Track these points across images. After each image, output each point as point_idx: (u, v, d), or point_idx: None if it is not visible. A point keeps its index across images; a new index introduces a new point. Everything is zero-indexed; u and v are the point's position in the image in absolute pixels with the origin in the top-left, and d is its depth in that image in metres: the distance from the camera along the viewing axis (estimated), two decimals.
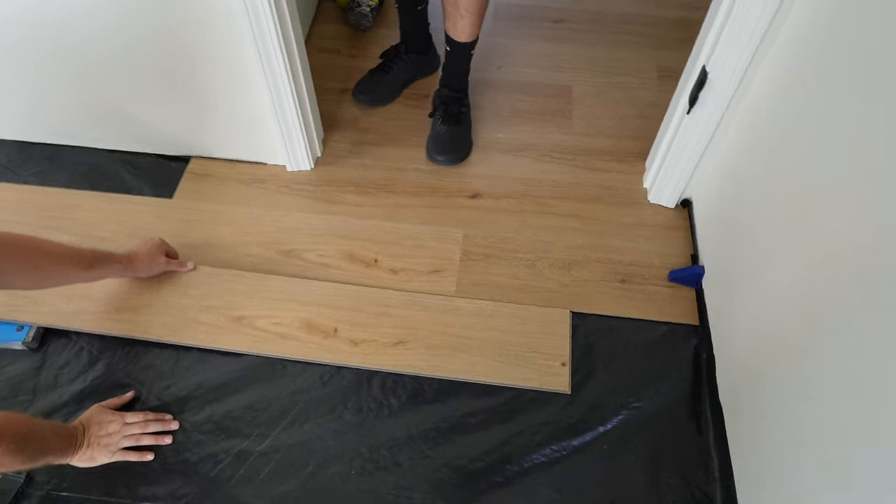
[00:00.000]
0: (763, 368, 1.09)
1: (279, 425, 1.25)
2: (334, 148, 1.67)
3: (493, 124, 1.72)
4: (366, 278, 1.42)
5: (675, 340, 1.35)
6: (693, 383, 1.30)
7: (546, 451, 1.22)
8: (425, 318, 1.35)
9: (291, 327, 1.34)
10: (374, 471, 1.20)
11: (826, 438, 0.89)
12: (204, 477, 1.19)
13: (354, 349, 1.32)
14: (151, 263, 1.35)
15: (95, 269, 1.22)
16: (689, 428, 1.25)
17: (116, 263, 1.27)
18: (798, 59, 1.07)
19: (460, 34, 1.48)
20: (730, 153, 1.32)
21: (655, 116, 1.54)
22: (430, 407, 1.27)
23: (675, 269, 1.43)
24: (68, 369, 1.32)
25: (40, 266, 1.13)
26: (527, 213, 1.54)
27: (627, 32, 1.95)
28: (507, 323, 1.35)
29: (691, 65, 1.32)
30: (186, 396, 1.28)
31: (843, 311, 0.86)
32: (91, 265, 1.21)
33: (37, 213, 1.53)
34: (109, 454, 1.18)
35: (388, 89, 1.75)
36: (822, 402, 0.90)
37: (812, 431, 0.93)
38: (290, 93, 1.39)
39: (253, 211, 1.54)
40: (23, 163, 1.65)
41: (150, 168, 1.64)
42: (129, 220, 1.52)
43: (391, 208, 1.55)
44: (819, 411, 0.91)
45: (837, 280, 0.88)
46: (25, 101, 1.56)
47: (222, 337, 1.33)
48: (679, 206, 1.54)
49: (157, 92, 1.47)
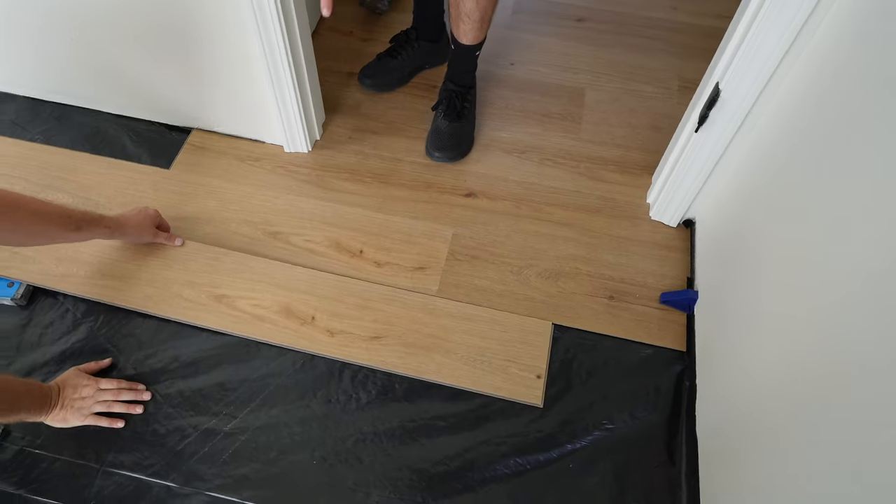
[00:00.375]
0: (745, 409, 1.06)
1: (247, 407, 1.25)
2: (334, 132, 1.65)
3: (498, 122, 1.68)
4: (349, 268, 1.41)
5: (659, 365, 1.32)
6: (671, 411, 1.27)
7: (510, 463, 1.21)
8: (404, 315, 1.34)
9: (270, 311, 1.34)
10: (336, 463, 1.20)
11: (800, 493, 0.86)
12: (170, 450, 1.21)
13: (330, 339, 1.31)
14: (140, 231, 1.36)
15: (83, 230, 1.23)
16: (661, 456, 1.22)
17: (104, 227, 1.27)
18: (818, 88, 1.02)
19: (462, 37, 1.44)
20: (738, 176, 1.27)
21: (670, 129, 1.48)
22: (398, 405, 1.26)
23: (667, 292, 1.40)
24: (52, 329, 1.34)
25: (24, 224, 1.13)
26: (521, 218, 1.51)
27: (651, 38, 1.88)
28: (486, 328, 1.33)
29: (706, 80, 1.27)
30: (161, 369, 1.29)
31: (842, 378, 0.81)
32: (79, 227, 1.21)
33: (39, 171, 1.55)
34: (82, 417, 1.20)
35: (394, 75, 1.72)
36: (803, 466, 0.87)
37: (784, 489, 0.89)
38: (290, 75, 1.38)
39: (245, 189, 1.53)
40: (32, 120, 1.67)
41: (152, 136, 1.64)
42: (125, 188, 1.53)
43: (384, 199, 1.53)
44: (797, 473, 0.87)
45: (844, 333, 0.82)
46: (39, 60, 1.56)
47: (202, 314, 1.34)
48: (681, 225, 1.50)
49: (162, 60, 1.46)
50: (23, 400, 1.10)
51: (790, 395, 0.92)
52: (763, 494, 0.94)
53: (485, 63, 1.58)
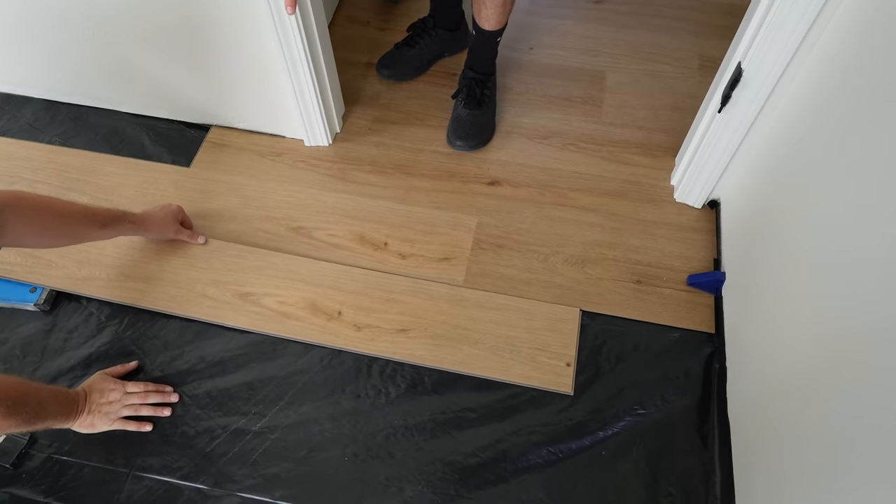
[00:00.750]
0: (777, 391, 1.04)
1: (276, 406, 1.25)
2: (354, 124, 1.64)
3: (519, 108, 1.66)
4: (374, 262, 1.40)
5: (688, 348, 1.30)
6: (702, 394, 1.25)
7: (542, 453, 1.20)
8: (431, 307, 1.33)
9: (296, 307, 1.33)
10: (367, 459, 1.20)
11: (835, 477, 0.84)
12: (199, 452, 1.21)
13: (357, 334, 1.30)
14: (164, 228, 1.36)
15: (108, 228, 1.24)
16: (693, 440, 1.21)
17: (129, 223, 1.28)
18: (844, 60, 0.99)
19: (485, 22, 1.42)
20: (763, 156, 1.25)
21: (691, 109, 1.46)
22: (428, 398, 1.25)
23: (694, 274, 1.37)
24: (77, 334, 1.34)
25: (51, 226, 1.15)
26: (545, 205, 1.49)
27: (671, 17, 1.85)
28: (514, 317, 1.31)
29: (728, 60, 1.24)
30: (188, 370, 1.29)
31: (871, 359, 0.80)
32: (104, 224, 1.22)
33: (58, 174, 1.55)
34: (109, 422, 1.19)
35: (412, 64, 1.70)
36: (838, 447, 0.85)
37: (820, 468, 0.88)
38: (308, 68, 1.36)
39: (267, 185, 1.52)
40: (49, 122, 1.67)
41: (171, 135, 1.63)
42: (145, 187, 1.52)
43: (406, 190, 1.51)
44: (833, 454, 0.85)
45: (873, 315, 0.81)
46: (53, 61, 1.56)
47: (227, 312, 1.33)
48: (706, 206, 1.47)
49: (178, 58, 1.45)
50: (49, 406, 1.09)
51: (822, 374, 0.90)
52: (798, 477, 0.93)
53: (504, 48, 1.56)
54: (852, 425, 0.81)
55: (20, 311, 1.36)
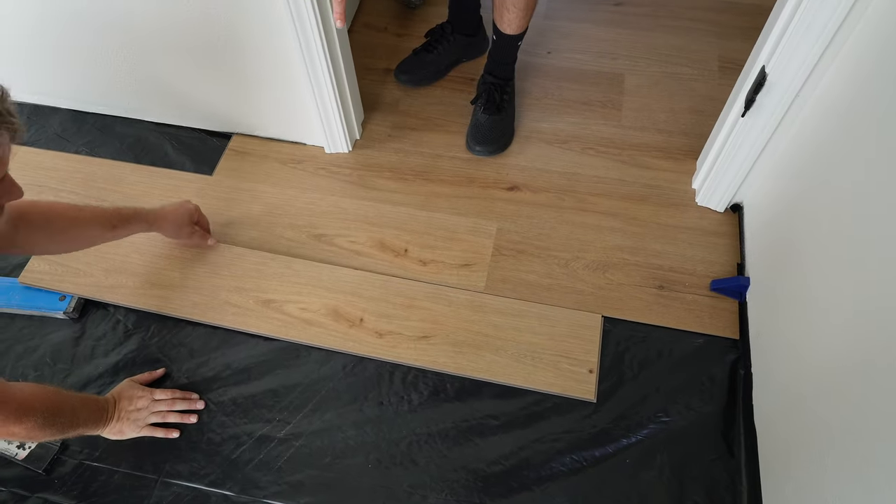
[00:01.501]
0: (805, 398, 1.03)
1: (300, 413, 1.26)
2: (374, 131, 1.64)
3: (538, 113, 1.66)
4: (395, 268, 1.41)
5: (712, 354, 1.29)
6: (727, 401, 1.24)
7: (565, 460, 1.20)
8: (452, 314, 1.33)
9: (318, 314, 1.34)
10: (391, 466, 1.20)
11: (871, 486, 0.83)
12: (225, 458, 1.22)
13: (379, 340, 1.31)
14: (178, 227, 1.36)
15: (119, 228, 1.25)
16: (719, 447, 1.20)
17: (142, 222, 1.29)
18: (870, 63, 0.97)
19: (507, 26, 1.42)
20: (787, 158, 1.23)
21: (712, 112, 1.45)
22: (450, 405, 1.26)
23: (718, 279, 1.36)
24: (105, 341, 1.36)
25: (62, 230, 1.18)
26: (565, 210, 1.48)
27: (690, 19, 1.83)
28: (535, 324, 1.31)
29: (751, 63, 1.23)
30: (213, 377, 1.31)
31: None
32: (114, 225, 1.24)
33: (85, 183, 1.58)
34: (137, 429, 1.21)
35: (430, 69, 1.71)
36: (868, 455, 0.84)
37: (855, 475, 0.87)
38: (329, 77, 1.37)
39: (288, 192, 1.54)
40: (76, 132, 1.69)
41: (193, 143, 1.65)
42: (169, 195, 1.54)
43: (426, 196, 1.52)
44: (863, 463, 0.85)
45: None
46: (80, 72, 1.58)
47: (251, 319, 1.35)
48: (729, 210, 1.46)
49: (201, 67, 1.47)
50: (80, 415, 1.12)
51: (854, 379, 0.89)
52: (827, 485, 0.92)
53: (522, 53, 1.56)
54: (889, 432, 0.80)
55: (50, 319, 1.39)
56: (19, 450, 1.22)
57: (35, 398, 1.02)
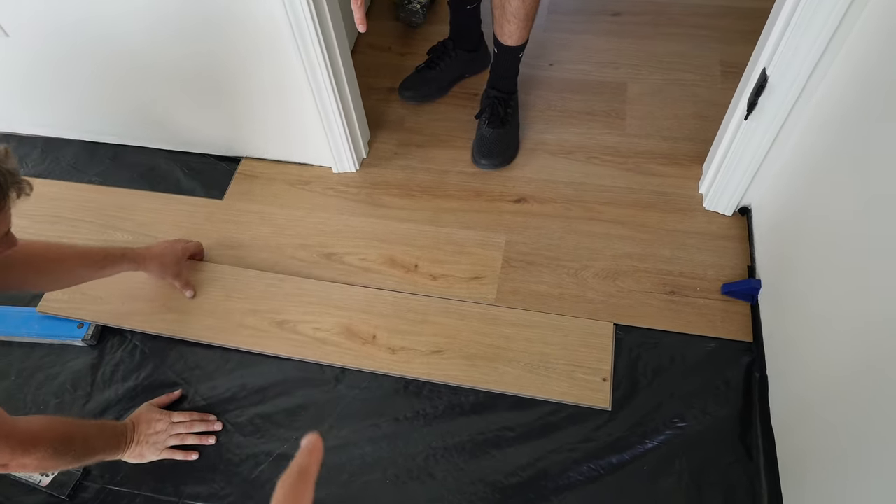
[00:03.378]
0: (823, 399, 1.02)
1: (317, 431, 1.26)
2: (380, 149, 1.66)
3: (542, 124, 1.67)
4: (406, 284, 1.42)
5: (726, 358, 1.29)
6: (743, 404, 1.24)
7: (583, 469, 1.19)
8: (464, 327, 1.34)
9: (331, 333, 1.35)
10: (409, 481, 1.21)
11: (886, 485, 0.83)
12: (244, 479, 1.23)
13: (392, 356, 1.32)
14: (163, 267, 1.38)
15: (107, 268, 1.30)
16: (737, 451, 1.19)
17: (129, 261, 1.33)
18: (872, 61, 0.98)
19: (507, 38, 1.44)
20: (794, 159, 1.23)
21: (716, 117, 1.45)
22: (465, 418, 1.26)
23: (729, 282, 1.36)
24: (123, 367, 1.38)
25: (51, 271, 1.24)
26: (573, 219, 1.49)
27: (690, 25, 1.84)
28: (548, 334, 1.32)
29: (752, 66, 1.24)
30: (230, 398, 1.32)
31: None
32: (102, 266, 1.29)
33: (99, 212, 1.61)
34: (157, 452, 1.23)
35: (434, 86, 1.73)
36: (889, 456, 0.83)
37: (869, 474, 0.86)
38: (334, 97, 1.39)
39: (297, 213, 1.56)
40: (88, 162, 1.73)
41: (203, 168, 1.68)
42: (181, 221, 1.57)
43: (434, 212, 1.53)
44: (884, 464, 0.84)
45: None
46: (91, 103, 1.62)
47: (265, 340, 1.36)
48: (737, 213, 1.46)
49: (208, 94, 1.50)
50: (96, 442, 1.13)
51: (871, 379, 0.89)
52: (849, 487, 0.91)
53: (524, 66, 1.57)
54: None
55: (69, 346, 1.41)
56: (43, 477, 1.24)
57: (43, 430, 1.03)
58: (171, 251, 1.40)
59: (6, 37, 1.43)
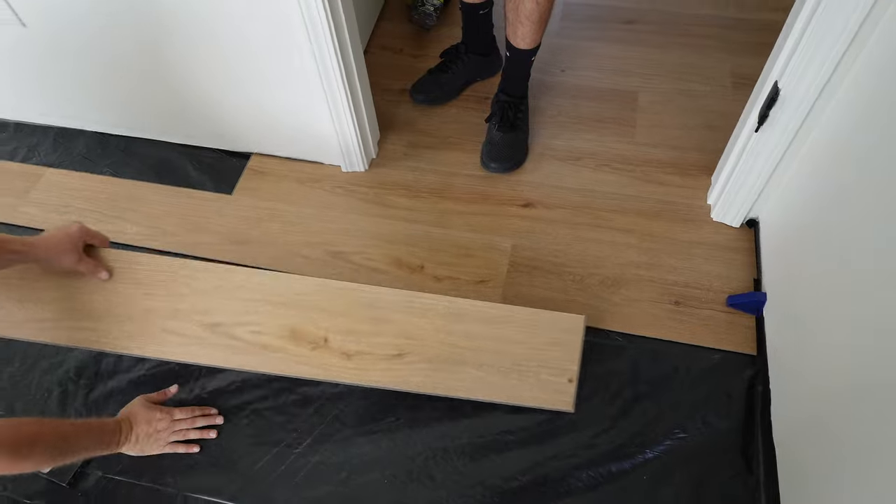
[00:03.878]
0: (824, 413, 1.02)
1: (317, 428, 1.27)
2: (389, 150, 1.67)
3: (552, 130, 1.67)
4: (411, 284, 1.42)
5: (729, 370, 1.29)
6: (745, 417, 1.24)
7: (582, 476, 1.20)
8: (427, 325, 1.25)
9: (274, 336, 1.28)
10: (408, 482, 1.21)
11: None
12: (244, 473, 1.23)
13: (345, 363, 1.24)
14: (58, 253, 1.22)
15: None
16: (737, 464, 1.19)
17: (13, 252, 1.15)
18: (888, 75, 0.97)
19: (520, 41, 1.44)
20: (803, 172, 1.23)
21: (725, 128, 1.46)
22: (466, 421, 1.26)
23: (734, 294, 1.36)
24: (126, 357, 1.38)
25: None
26: (580, 226, 1.49)
27: (703, 35, 1.85)
28: (515, 332, 1.23)
29: (763, 79, 1.24)
30: (231, 393, 1.32)
31: None
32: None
33: (108, 203, 1.62)
34: (159, 447, 1.23)
35: (445, 89, 1.74)
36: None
37: (871, 491, 0.86)
38: (345, 97, 1.40)
39: (306, 211, 1.56)
40: (100, 153, 1.74)
41: (213, 163, 1.69)
42: (189, 214, 1.58)
43: (441, 214, 1.54)
44: (887, 480, 0.84)
45: None
46: (104, 95, 1.63)
47: (196, 349, 1.28)
48: (744, 225, 1.46)
49: (220, 90, 1.50)
50: (80, 441, 1.09)
51: (872, 397, 0.89)
52: (845, 496, 0.91)
53: (536, 71, 1.58)
54: None
55: None
56: None
57: (38, 435, 1.00)
58: (64, 233, 1.22)
59: (23, 27, 1.44)
